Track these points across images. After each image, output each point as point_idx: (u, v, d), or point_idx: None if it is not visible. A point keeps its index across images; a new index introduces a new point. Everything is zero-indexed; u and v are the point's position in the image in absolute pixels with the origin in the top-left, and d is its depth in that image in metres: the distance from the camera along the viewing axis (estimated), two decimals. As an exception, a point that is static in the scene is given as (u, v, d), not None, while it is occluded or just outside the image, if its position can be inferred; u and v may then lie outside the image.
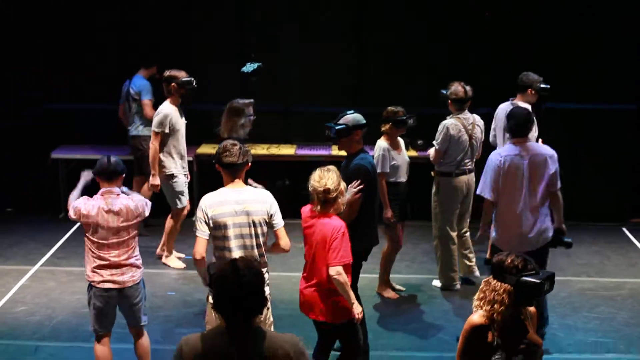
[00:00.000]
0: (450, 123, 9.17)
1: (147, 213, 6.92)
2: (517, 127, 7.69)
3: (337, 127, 7.40)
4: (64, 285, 9.51)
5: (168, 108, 9.72)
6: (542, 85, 9.37)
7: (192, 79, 9.68)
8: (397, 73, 11.91)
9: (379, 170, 8.62)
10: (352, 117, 7.47)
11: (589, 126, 11.89)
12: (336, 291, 6.40)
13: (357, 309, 6.46)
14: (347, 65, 12.09)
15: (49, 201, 11.99)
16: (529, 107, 9.19)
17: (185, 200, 9.98)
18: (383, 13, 12.04)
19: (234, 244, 6.23)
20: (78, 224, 10.93)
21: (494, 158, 7.64)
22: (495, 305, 4.83)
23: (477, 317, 4.89)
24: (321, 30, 11.99)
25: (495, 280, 4.88)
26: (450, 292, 9.44)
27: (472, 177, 9.37)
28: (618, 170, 11.97)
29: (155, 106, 10.22)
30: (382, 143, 8.83)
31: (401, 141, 9.06)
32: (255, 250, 6.31)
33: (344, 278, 6.34)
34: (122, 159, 11.03)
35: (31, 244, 10.83)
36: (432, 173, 9.49)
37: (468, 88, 9.20)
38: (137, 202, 6.86)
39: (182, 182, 9.94)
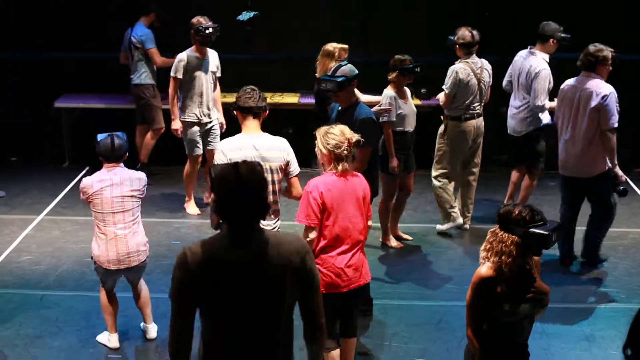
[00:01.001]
0: (459, 67, 9.19)
1: (143, 190, 6.98)
2: (582, 60, 8.34)
3: (339, 80, 7.31)
4: (69, 234, 9.55)
5: (184, 54, 9.67)
6: (563, 35, 9.38)
7: (207, 26, 9.53)
8: (405, 20, 11.82)
9: (385, 119, 8.66)
10: (348, 68, 7.41)
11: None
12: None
13: None
14: (353, 12, 12.00)
15: (53, 150, 12.00)
16: (547, 57, 9.25)
17: (200, 150, 9.93)
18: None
19: None
20: (81, 174, 11.05)
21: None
22: (503, 257, 4.84)
23: (485, 269, 4.91)
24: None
25: (502, 232, 4.88)
26: (454, 241, 9.51)
27: (480, 121, 9.40)
28: (621, 120, 11.87)
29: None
30: (389, 92, 8.80)
31: (408, 90, 9.03)
32: (276, 195, 6.39)
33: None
34: (124, 107, 11.21)
35: (35, 193, 10.86)
36: (442, 117, 9.52)
37: (475, 32, 9.19)
38: (139, 175, 6.96)
39: (196, 130, 9.84)
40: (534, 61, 9.27)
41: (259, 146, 6.32)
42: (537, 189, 10.04)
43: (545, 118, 9.42)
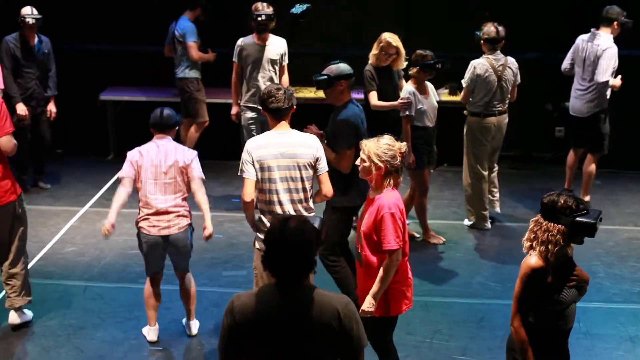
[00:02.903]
0: (477, 62, 9.22)
1: (195, 164, 6.89)
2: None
3: (317, 78, 7.24)
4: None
5: (242, 39, 9.70)
6: (626, 20, 9.58)
7: (260, 13, 9.49)
8: (445, 17, 11.75)
9: (404, 114, 8.66)
10: (335, 67, 7.26)
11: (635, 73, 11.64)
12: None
13: None
14: (393, 9, 11.96)
15: (98, 143, 12.09)
16: (612, 37, 9.30)
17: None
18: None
19: (280, 186, 6.24)
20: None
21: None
22: (550, 246, 4.85)
23: (534, 259, 4.90)
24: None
25: (546, 221, 4.88)
26: (486, 236, 9.50)
27: (503, 118, 9.39)
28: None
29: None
30: (408, 87, 8.79)
31: (430, 86, 8.98)
32: (301, 194, 6.31)
33: None
34: (169, 100, 11.26)
35: (80, 185, 10.96)
36: (465, 112, 9.53)
37: (501, 28, 9.17)
38: (187, 150, 6.94)
39: (250, 116, 9.75)
40: (600, 41, 9.50)
41: (287, 143, 6.28)
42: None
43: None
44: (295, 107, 6.45)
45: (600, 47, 9.43)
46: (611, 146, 9.84)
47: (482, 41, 9.24)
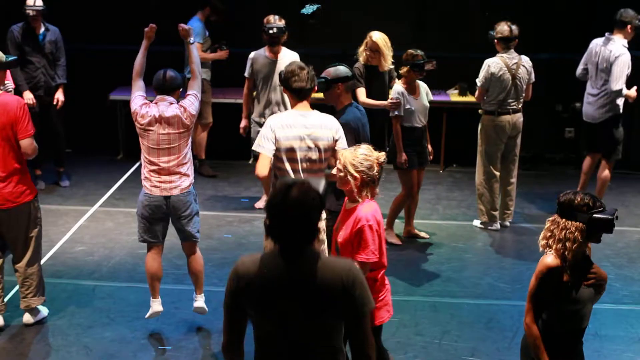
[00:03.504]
0: (492, 61, 9.22)
1: (193, 111, 6.95)
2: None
3: (317, 81, 7.17)
4: (122, 226, 9.64)
5: (254, 52, 9.63)
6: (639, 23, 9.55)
7: (271, 26, 9.39)
8: (460, 17, 11.74)
9: (393, 114, 8.66)
10: (333, 69, 7.22)
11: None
12: None
13: None
14: (407, 8, 11.96)
15: (108, 142, 12.12)
16: (626, 42, 9.29)
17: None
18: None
19: (301, 166, 6.26)
20: (135, 166, 11.16)
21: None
22: (568, 244, 4.85)
23: (550, 258, 4.91)
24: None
25: (564, 219, 4.89)
26: (495, 237, 9.48)
27: (517, 117, 9.37)
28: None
29: None
30: (397, 87, 8.78)
31: (423, 86, 8.94)
32: (319, 174, 6.33)
33: None
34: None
35: (90, 185, 10.98)
36: (479, 111, 9.52)
37: (514, 27, 9.17)
38: (188, 109, 6.93)
39: (255, 130, 9.60)
40: (613, 46, 9.39)
41: (309, 124, 6.29)
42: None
43: (621, 105, 9.54)
44: (316, 87, 6.51)
45: (613, 53, 9.33)
46: (623, 148, 9.80)
47: (495, 40, 9.23)
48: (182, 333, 7.29)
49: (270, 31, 9.40)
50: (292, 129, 6.27)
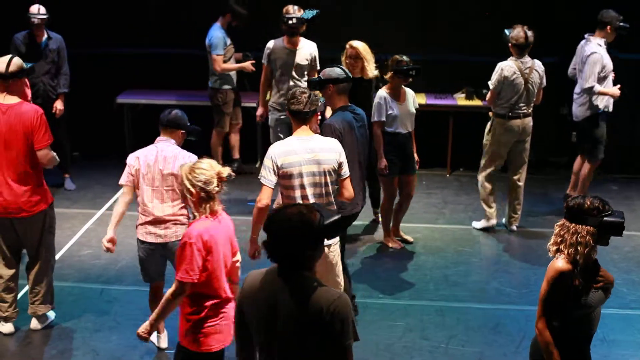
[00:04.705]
0: (505, 65, 9.22)
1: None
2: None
3: (310, 80, 7.30)
4: (129, 229, 9.59)
5: (273, 41, 9.68)
6: (621, 24, 9.62)
7: (290, 16, 9.40)
8: (465, 19, 11.73)
9: (374, 119, 8.65)
10: (328, 70, 7.21)
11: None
12: None
13: None
14: (412, 12, 11.96)
15: (115, 145, 12.11)
16: (602, 42, 9.52)
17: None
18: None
19: (309, 192, 6.24)
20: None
21: None
22: (579, 248, 4.87)
23: (561, 262, 4.91)
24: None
25: (573, 224, 4.90)
26: (502, 241, 9.49)
27: (528, 121, 9.39)
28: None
29: None
30: (381, 92, 8.75)
31: (409, 92, 8.87)
32: (325, 199, 6.30)
33: None
34: (187, 104, 11.22)
35: (97, 188, 10.99)
36: (490, 114, 9.53)
37: (530, 33, 9.17)
38: (187, 157, 6.65)
39: (277, 117, 9.67)
40: (588, 46, 9.61)
41: (311, 148, 6.24)
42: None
43: (601, 104, 9.62)
44: (319, 113, 6.42)
45: (586, 52, 9.56)
46: (627, 152, 9.80)
47: (510, 45, 9.23)
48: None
49: (290, 22, 9.44)
50: (296, 155, 6.22)
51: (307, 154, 6.23)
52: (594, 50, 9.49)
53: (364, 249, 9.21)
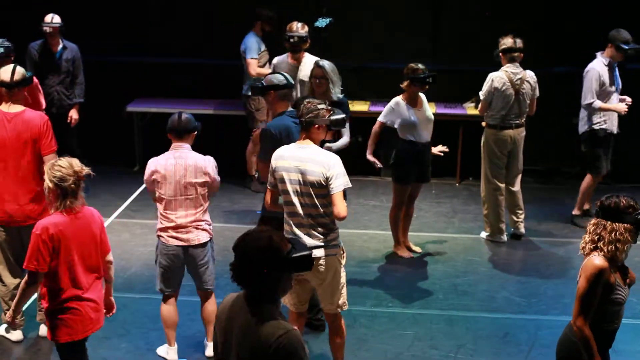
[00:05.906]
0: (495, 75, 9.25)
1: (214, 175, 6.78)
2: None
3: (252, 86, 7.31)
4: (138, 237, 9.66)
5: (277, 59, 9.73)
6: (622, 45, 9.52)
7: (292, 34, 9.40)
8: (474, 30, 11.74)
9: (380, 119, 8.76)
10: (271, 76, 7.22)
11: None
12: None
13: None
14: (422, 22, 11.97)
15: (124, 154, 12.15)
16: (606, 59, 9.52)
17: None
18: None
19: (295, 199, 6.20)
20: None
21: None
22: (619, 245, 4.99)
23: (599, 260, 5.00)
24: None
25: (609, 222, 5.00)
26: (510, 250, 9.50)
27: (520, 131, 9.42)
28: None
29: None
30: (396, 98, 8.78)
31: (424, 100, 8.88)
32: (312, 209, 6.17)
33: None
34: (198, 113, 11.25)
35: (106, 196, 10.99)
36: (483, 124, 9.55)
37: (518, 40, 9.23)
38: (206, 161, 6.77)
39: None
40: (590, 63, 9.61)
41: (301, 158, 6.18)
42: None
43: (599, 119, 9.66)
44: (317, 125, 6.25)
45: (586, 69, 9.62)
46: (633, 162, 9.78)
47: (500, 53, 9.27)
48: (197, 344, 7.29)
49: (291, 40, 9.47)
50: (283, 160, 6.23)
51: (294, 162, 6.19)
52: (592, 67, 9.55)
53: (373, 258, 9.21)
